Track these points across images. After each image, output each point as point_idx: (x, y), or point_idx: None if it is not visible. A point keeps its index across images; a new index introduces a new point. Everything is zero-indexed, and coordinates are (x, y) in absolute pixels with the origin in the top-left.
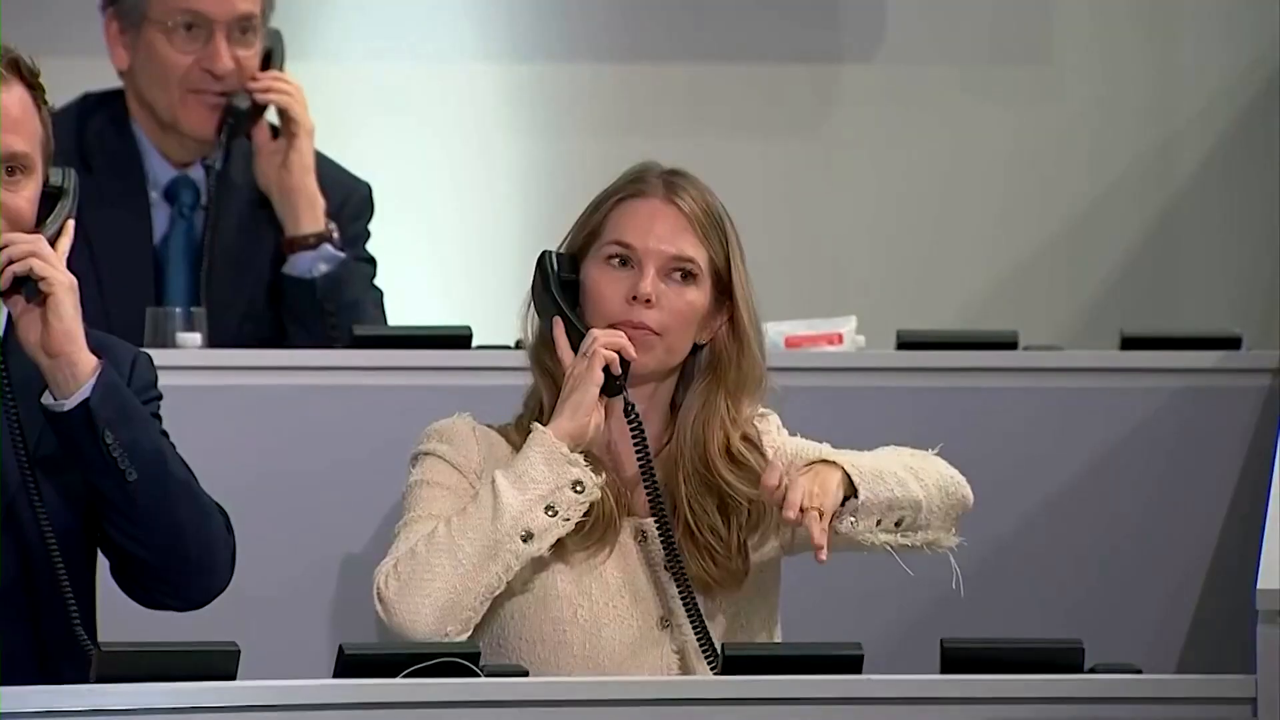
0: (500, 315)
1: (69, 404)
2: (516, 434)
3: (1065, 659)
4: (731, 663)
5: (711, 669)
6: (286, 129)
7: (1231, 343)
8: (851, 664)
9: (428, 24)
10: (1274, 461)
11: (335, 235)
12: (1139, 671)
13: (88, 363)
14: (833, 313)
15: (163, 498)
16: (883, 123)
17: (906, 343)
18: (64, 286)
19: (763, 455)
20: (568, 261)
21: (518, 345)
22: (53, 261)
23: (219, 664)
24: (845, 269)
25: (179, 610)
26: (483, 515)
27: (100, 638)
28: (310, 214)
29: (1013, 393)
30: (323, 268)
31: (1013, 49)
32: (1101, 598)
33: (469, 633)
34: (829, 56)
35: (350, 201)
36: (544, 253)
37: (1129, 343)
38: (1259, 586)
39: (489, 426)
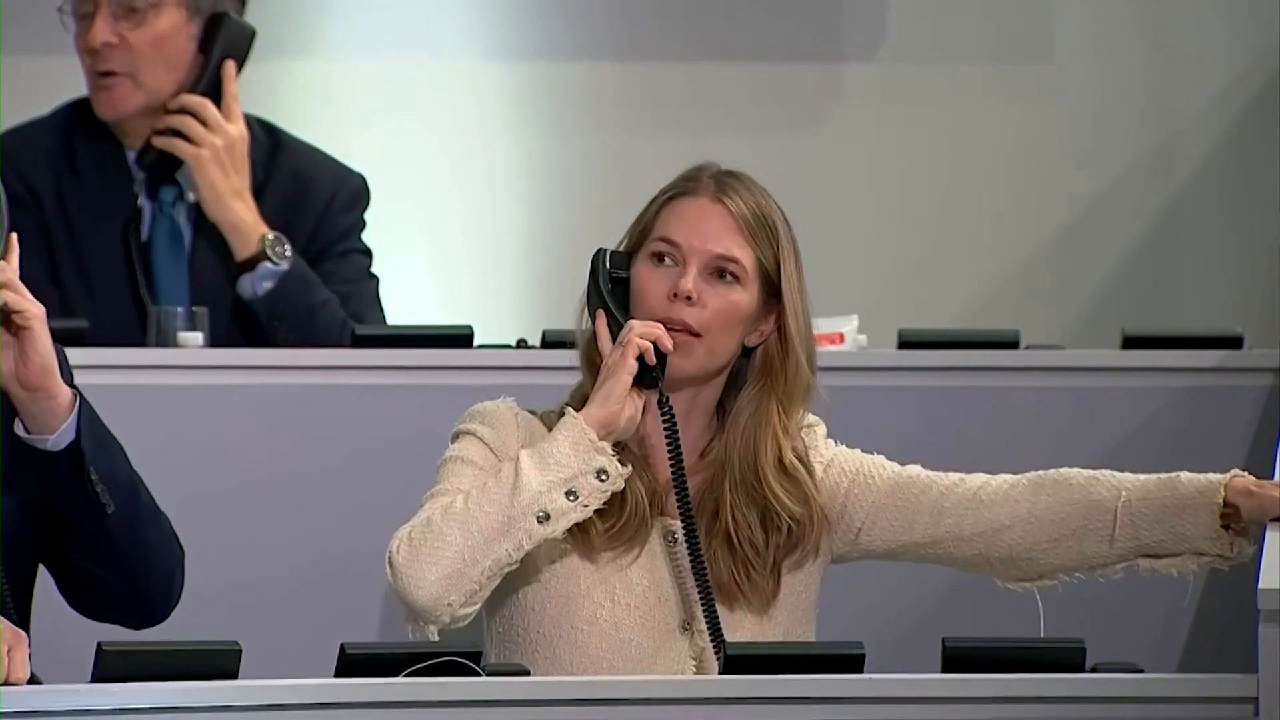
0: (502, 314)
1: (56, 443)
2: (558, 421)
3: (1067, 658)
4: (733, 662)
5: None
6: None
7: (1233, 342)
8: (853, 663)
9: (429, 22)
10: (1275, 460)
11: (272, 248)
12: (1140, 671)
13: (66, 394)
14: (834, 312)
15: (136, 527)
16: (884, 122)
17: (908, 342)
18: (39, 318)
19: (811, 473)
20: (623, 259)
21: (519, 344)
22: (23, 292)
23: (220, 663)
24: (847, 268)
25: (132, 628)
26: (502, 490)
27: (94, 637)
28: (238, 241)
29: (1014, 392)
30: (266, 285)
31: (1014, 49)
32: (1103, 597)
33: (474, 607)
34: (830, 55)
35: (340, 194)
36: (598, 250)
37: (1130, 342)
38: (1260, 586)
39: (531, 412)
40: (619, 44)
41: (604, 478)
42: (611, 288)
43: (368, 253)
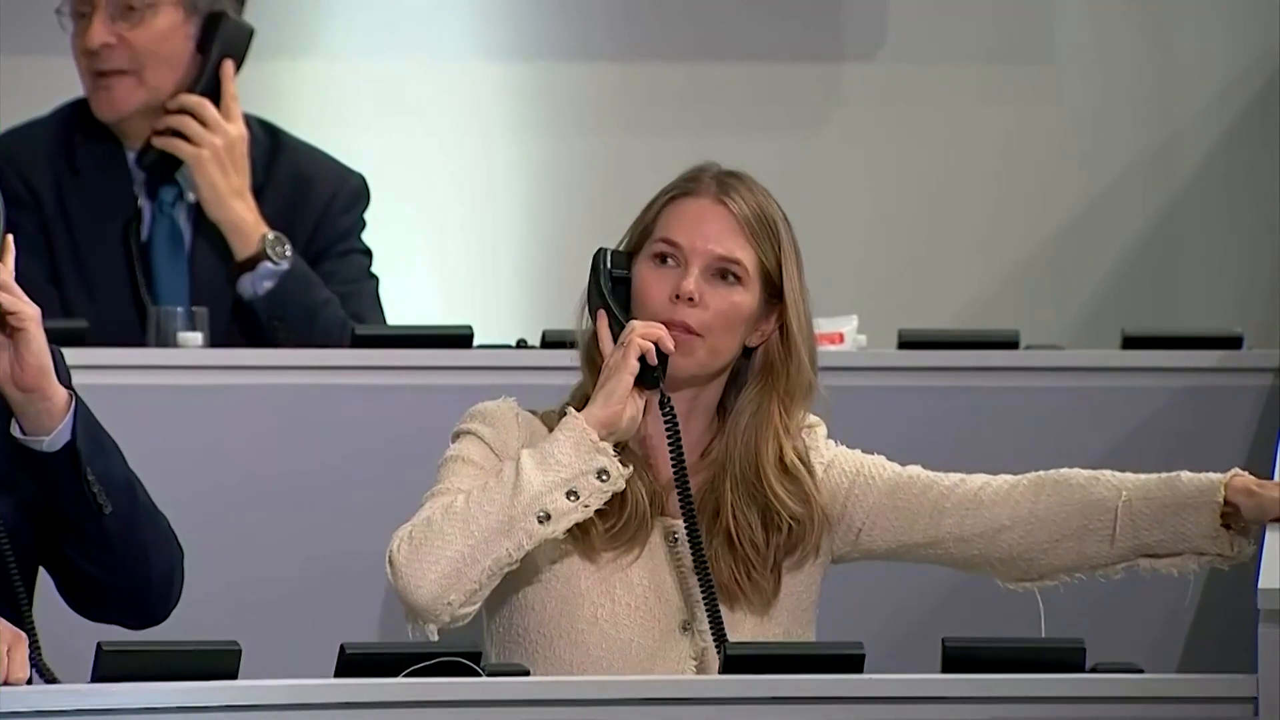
0: (501, 314)
1: (51, 444)
2: (559, 421)
3: (1066, 658)
4: (732, 662)
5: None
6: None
7: (1233, 342)
8: (853, 663)
9: (428, 22)
10: (1275, 460)
11: (272, 248)
12: (1140, 671)
13: (61, 396)
14: (834, 312)
15: (134, 528)
16: (884, 122)
17: (908, 342)
18: (34, 319)
19: (812, 473)
20: (624, 259)
21: (519, 344)
22: (18, 293)
23: (220, 663)
24: (846, 268)
25: (132, 629)
26: (503, 490)
27: (94, 637)
28: (239, 241)
29: (1014, 392)
30: (266, 285)
31: (1013, 49)
32: (1103, 597)
33: (474, 607)
34: (830, 55)
35: (340, 194)
36: (599, 250)
37: (1130, 342)
38: (1260, 586)
39: (532, 413)
40: (619, 44)
41: (605, 478)
42: (613, 287)
43: (368, 253)
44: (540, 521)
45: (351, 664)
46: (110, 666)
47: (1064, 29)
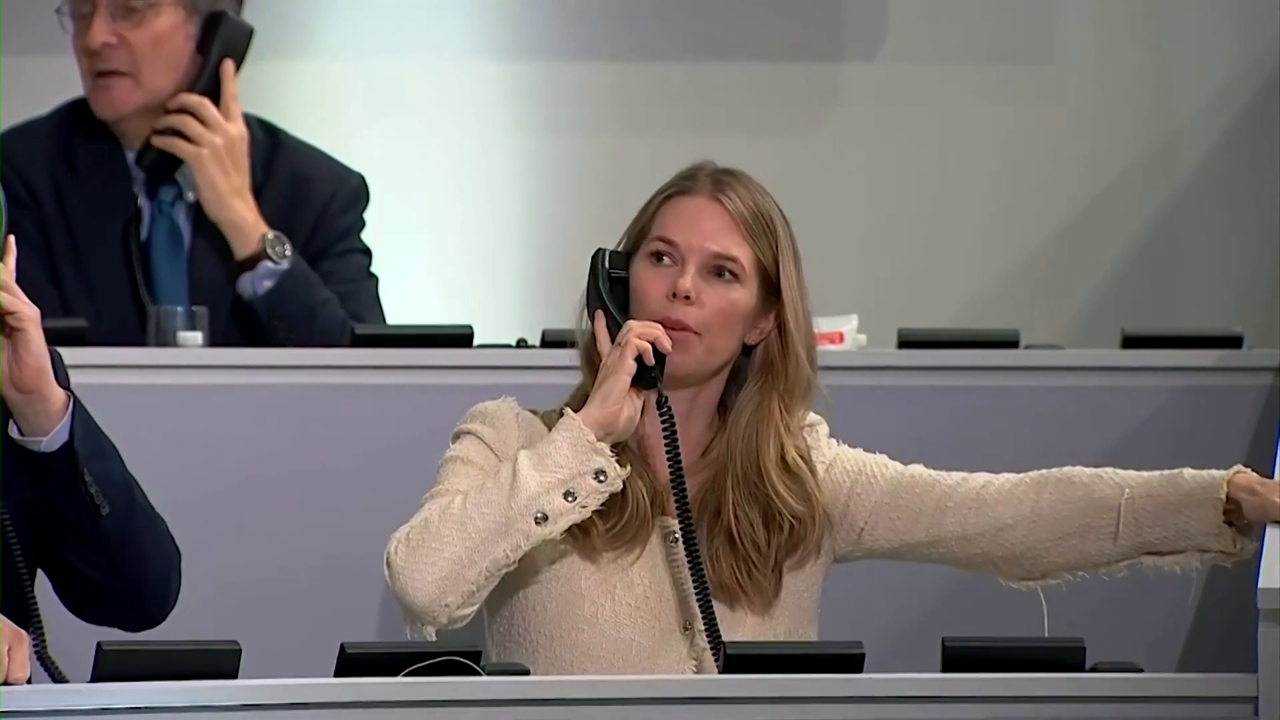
0: (501, 314)
1: (49, 444)
2: (558, 421)
3: (1066, 658)
4: (732, 661)
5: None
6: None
7: (1233, 341)
8: (852, 663)
9: (429, 22)
10: (1275, 459)
11: (272, 247)
12: (1140, 670)
13: (59, 396)
14: (834, 311)
15: (132, 529)
16: (884, 121)
17: (908, 342)
18: (33, 320)
19: (814, 472)
20: (622, 259)
21: (519, 344)
22: (18, 294)
23: (220, 662)
24: (846, 268)
25: (130, 631)
26: (499, 491)
27: (94, 637)
28: (238, 240)
29: (1014, 391)
30: (266, 284)
31: (1013, 48)
32: (1103, 596)
33: (472, 608)
34: (830, 55)
35: (339, 194)
36: (597, 250)
37: (1130, 341)
38: (1260, 585)
39: (533, 412)
40: (619, 44)
41: (602, 479)
42: (610, 288)
43: (367, 252)
44: (537, 522)
45: (351, 664)
46: (110, 666)
47: (1064, 29)
